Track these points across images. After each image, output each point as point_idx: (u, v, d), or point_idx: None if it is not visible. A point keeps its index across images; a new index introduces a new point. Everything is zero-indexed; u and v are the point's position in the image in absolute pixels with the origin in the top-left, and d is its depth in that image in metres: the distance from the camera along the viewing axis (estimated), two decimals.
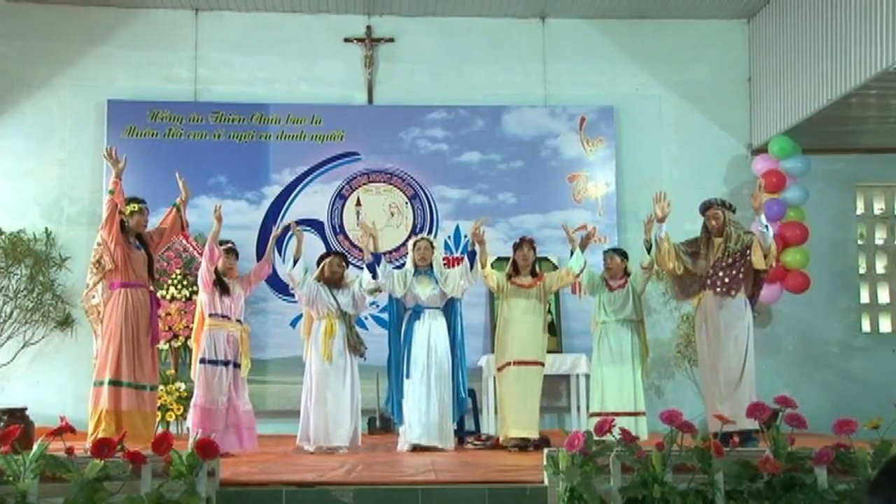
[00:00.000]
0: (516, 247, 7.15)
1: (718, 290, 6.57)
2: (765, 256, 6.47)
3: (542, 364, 7.02)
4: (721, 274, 6.58)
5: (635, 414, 6.87)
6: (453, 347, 7.08)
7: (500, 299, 7.26)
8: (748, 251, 6.54)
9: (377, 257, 6.93)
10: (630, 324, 7.10)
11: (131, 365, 6.32)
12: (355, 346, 6.92)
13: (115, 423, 6.15)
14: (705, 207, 6.73)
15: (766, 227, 6.53)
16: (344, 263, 7.09)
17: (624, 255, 7.33)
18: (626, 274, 7.19)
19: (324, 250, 8.56)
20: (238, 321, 6.74)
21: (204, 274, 6.60)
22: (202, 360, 6.52)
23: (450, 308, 7.14)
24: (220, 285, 6.66)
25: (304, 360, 6.99)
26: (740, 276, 6.56)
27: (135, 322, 6.38)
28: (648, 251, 6.99)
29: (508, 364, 6.95)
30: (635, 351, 7.07)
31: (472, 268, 6.98)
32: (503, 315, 7.09)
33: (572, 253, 7.09)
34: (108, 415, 6.21)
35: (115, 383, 6.28)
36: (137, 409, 6.34)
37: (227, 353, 6.58)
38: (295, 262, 6.85)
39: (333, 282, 6.96)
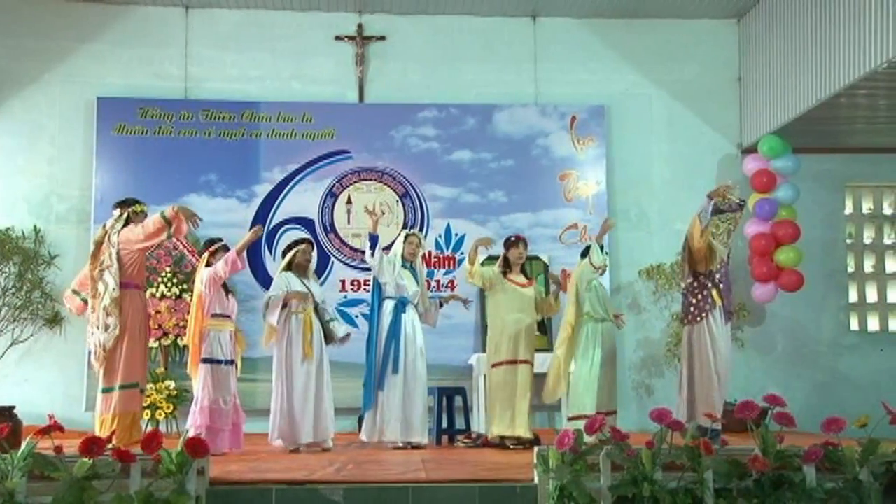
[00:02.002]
0: (511, 244, 7.10)
1: (726, 315, 6.62)
2: None
3: (531, 363, 6.97)
4: (725, 299, 6.59)
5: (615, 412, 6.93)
6: None
7: (490, 295, 7.16)
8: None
9: (374, 239, 6.94)
10: (610, 322, 7.16)
11: (144, 367, 6.57)
12: (330, 337, 6.92)
13: (136, 426, 6.37)
14: (740, 206, 6.75)
15: None
16: (313, 251, 7.10)
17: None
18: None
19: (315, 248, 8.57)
20: (233, 321, 6.79)
21: (217, 275, 6.53)
22: (208, 360, 6.48)
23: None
24: (225, 285, 6.72)
25: (272, 351, 6.82)
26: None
27: (142, 324, 6.53)
28: None
29: (504, 363, 6.91)
30: (615, 349, 7.20)
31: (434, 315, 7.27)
32: (498, 312, 7.02)
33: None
34: (138, 417, 6.43)
35: (141, 388, 6.49)
36: (139, 411, 6.52)
37: (230, 352, 6.60)
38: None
39: (302, 269, 6.91)
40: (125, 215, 6.55)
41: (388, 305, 6.99)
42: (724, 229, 6.76)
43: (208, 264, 6.66)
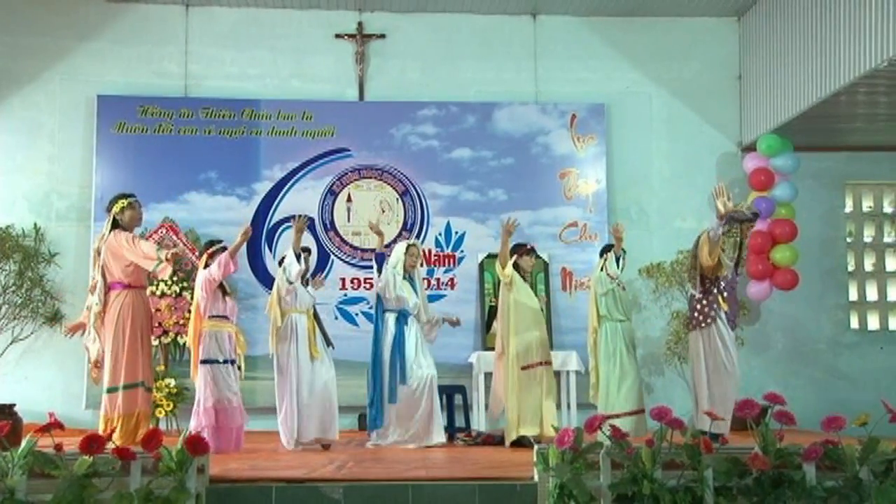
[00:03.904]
0: (526, 252, 7.10)
1: (730, 322, 6.65)
2: None
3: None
4: (729, 306, 6.63)
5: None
6: None
7: (513, 297, 6.99)
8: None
9: (381, 257, 6.98)
10: (629, 323, 7.30)
11: (148, 368, 6.49)
12: (329, 339, 7.00)
13: (139, 425, 6.28)
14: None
15: None
16: (311, 258, 7.14)
17: None
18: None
19: (315, 246, 8.57)
20: (233, 322, 6.78)
21: (211, 279, 6.55)
22: (207, 361, 6.49)
23: None
24: (222, 287, 6.72)
25: (274, 354, 6.79)
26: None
27: (144, 323, 6.47)
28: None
29: (535, 364, 6.89)
30: (635, 349, 7.30)
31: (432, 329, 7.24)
32: (523, 314, 6.94)
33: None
34: (144, 417, 6.38)
35: (146, 386, 6.45)
36: (145, 410, 6.46)
37: (229, 352, 6.61)
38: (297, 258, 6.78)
39: (304, 278, 6.97)
40: (111, 220, 6.56)
41: (390, 319, 7.00)
42: (731, 243, 6.73)
43: (206, 266, 6.67)
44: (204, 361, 6.49)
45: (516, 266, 7.04)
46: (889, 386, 8.58)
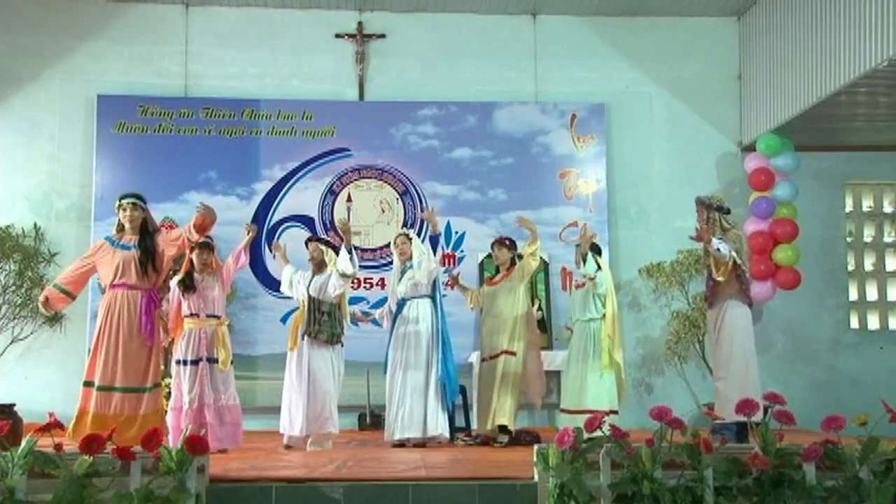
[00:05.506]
0: (492, 245, 7.34)
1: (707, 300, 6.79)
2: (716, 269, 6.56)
3: (513, 353, 6.95)
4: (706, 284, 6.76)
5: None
6: (443, 335, 7.02)
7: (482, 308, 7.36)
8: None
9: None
10: (594, 322, 7.01)
11: (107, 368, 6.03)
12: (311, 331, 6.70)
13: (86, 424, 5.90)
14: (698, 202, 6.86)
15: (718, 249, 6.48)
16: (321, 247, 6.88)
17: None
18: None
19: None
20: (214, 316, 6.48)
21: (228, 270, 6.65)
22: (175, 361, 6.47)
23: (435, 295, 7.12)
24: (185, 283, 6.43)
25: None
26: (712, 285, 6.66)
27: (115, 323, 6.09)
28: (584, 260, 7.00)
29: (486, 358, 7.09)
30: (597, 349, 6.94)
31: (434, 253, 7.08)
32: (484, 311, 7.26)
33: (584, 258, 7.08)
34: (84, 415, 6.02)
35: (88, 384, 6.09)
36: (97, 412, 5.99)
37: (196, 350, 6.36)
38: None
39: (316, 266, 6.84)
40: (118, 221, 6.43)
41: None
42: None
43: (190, 261, 6.56)
44: (174, 362, 6.47)
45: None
46: (889, 386, 8.57)
